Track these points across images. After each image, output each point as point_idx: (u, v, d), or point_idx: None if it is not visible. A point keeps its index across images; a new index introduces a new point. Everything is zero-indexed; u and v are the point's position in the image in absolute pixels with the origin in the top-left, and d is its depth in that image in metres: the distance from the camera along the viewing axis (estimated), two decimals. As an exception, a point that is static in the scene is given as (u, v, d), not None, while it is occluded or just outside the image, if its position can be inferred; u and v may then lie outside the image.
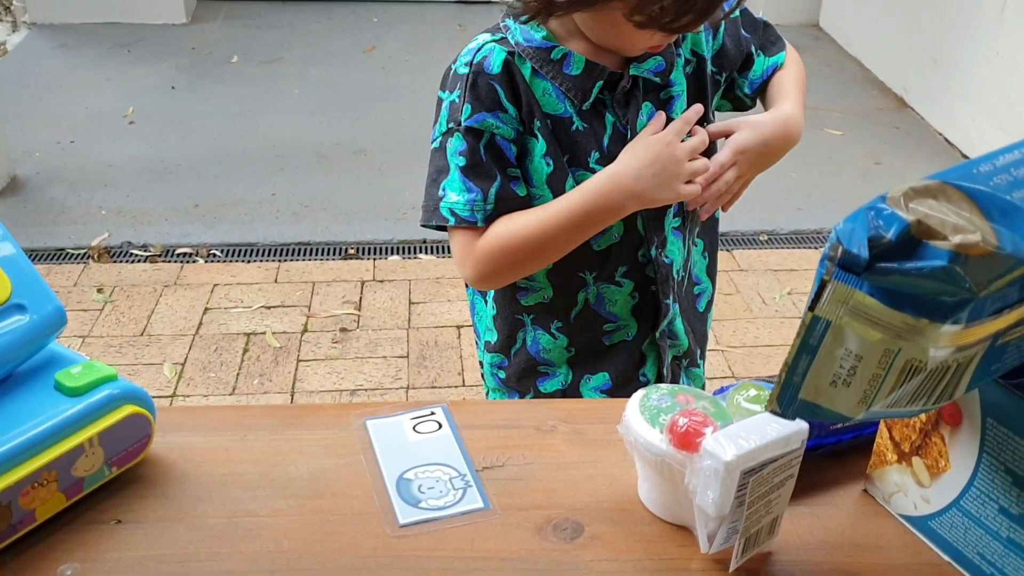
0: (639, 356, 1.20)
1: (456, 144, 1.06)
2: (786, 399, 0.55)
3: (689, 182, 1.04)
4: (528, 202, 1.08)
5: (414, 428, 0.73)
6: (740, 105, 1.23)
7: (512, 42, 1.06)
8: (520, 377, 1.24)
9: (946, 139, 3.75)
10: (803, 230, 3.16)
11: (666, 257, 1.15)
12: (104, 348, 2.48)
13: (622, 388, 1.20)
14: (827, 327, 0.52)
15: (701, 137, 1.05)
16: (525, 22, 1.05)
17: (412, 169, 3.35)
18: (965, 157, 3.61)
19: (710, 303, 1.28)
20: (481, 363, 1.30)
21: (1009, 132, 3.38)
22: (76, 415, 0.61)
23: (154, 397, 0.66)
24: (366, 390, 2.37)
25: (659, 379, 1.23)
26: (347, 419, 0.73)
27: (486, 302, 1.24)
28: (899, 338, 0.51)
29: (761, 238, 3.11)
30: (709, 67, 1.14)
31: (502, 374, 1.25)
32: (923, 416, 0.64)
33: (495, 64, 1.04)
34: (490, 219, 1.06)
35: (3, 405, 0.62)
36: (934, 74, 3.87)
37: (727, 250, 3.04)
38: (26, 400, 0.62)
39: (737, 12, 1.15)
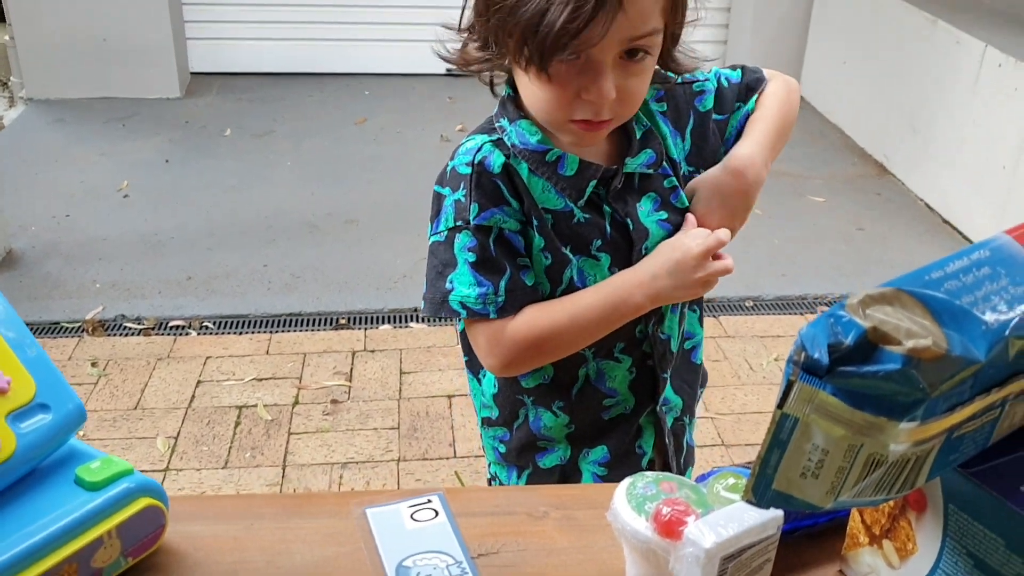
0: (636, 429, 1.24)
1: (465, 240, 1.09)
2: (761, 490, 0.59)
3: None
4: (536, 290, 1.12)
5: (412, 516, 0.76)
6: None
7: (508, 143, 1.11)
8: (520, 452, 1.27)
9: (927, 204, 3.84)
10: (788, 296, 3.21)
11: (663, 333, 1.19)
12: (98, 422, 2.50)
13: (620, 460, 1.24)
14: (795, 423, 0.56)
15: (718, 237, 1.08)
16: (495, 82, 1.11)
17: (403, 238, 3.41)
18: (946, 222, 3.69)
19: (700, 352, 1.32)
20: (481, 435, 1.33)
21: (986, 197, 3.47)
22: (96, 508, 0.65)
23: (147, 471, 0.69)
24: (357, 463, 2.39)
25: (659, 448, 1.26)
26: (348, 508, 0.77)
27: (480, 381, 1.28)
28: (861, 434, 0.56)
29: (747, 304, 3.16)
30: (683, 168, 1.18)
31: (502, 448, 1.28)
32: (891, 501, 0.69)
33: (495, 164, 1.09)
34: (502, 311, 1.09)
35: (26, 499, 0.65)
36: (913, 142, 3.97)
37: (713, 316, 3.09)
38: (48, 494, 0.66)
39: (712, 103, 1.19)
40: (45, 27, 4.41)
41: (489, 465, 1.34)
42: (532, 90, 1.04)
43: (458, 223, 1.09)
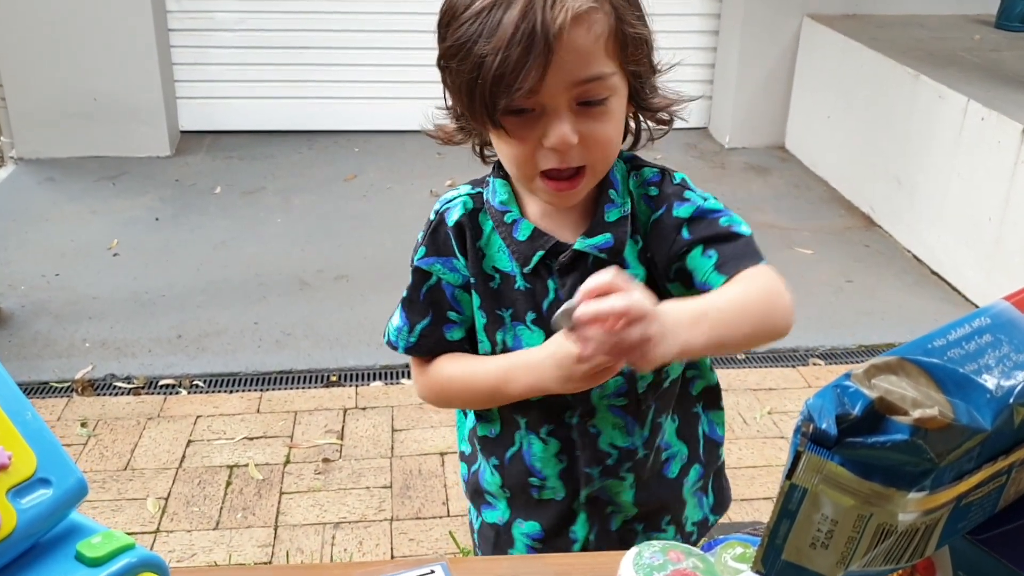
0: (569, 513, 1.23)
1: (410, 278, 1.17)
2: (770, 560, 0.59)
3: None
4: (460, 346, 1.18)
5: (415, 586, 0.76)
6: None
7: (485, 198, 1.15)
8: (472, 495, 1.31)
9: (915, 256, 3.86)
10: (780, 349, 3.21)
11: (592, 427, 1.17)
12: (88, 484, 2.47)
13: (551, 541, 1.23)
14: (804, 494, 0.56)
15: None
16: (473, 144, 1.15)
17: (394, 294, 3.35)
18: (934, 273, 3.71)
19: (687, 467, 1.25)
20: None
21: (973, 249, 3.49)
22: (97, 586, 0.64)
23: (138, 533, 0.69)
24: (350, 523, 2.37)
25: (599, 541, 1.22)
26: (350, 577, 0.76)
27: (465, 414, 1.30)
28: (870, 504, 0.56)
29: (739, 357, 3.16)
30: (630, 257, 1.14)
31: (464, 486, 1.33)
32: (901, 570, 0.68)
33: (453, 219, 1.14)
34: (410, 350, 1.17)
35: (26, 577, 0.65)
36: (899, 194, 4.01)
37: (705, 370, 3.09)
38: (49, 570, 0.65)
39: (688, 215, 1.09)
40: (35, 87, 4.43)
41: None
42: (501, 148, 1.07)
43: (412, 260, 1.18)
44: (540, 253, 1.11)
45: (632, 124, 1.16)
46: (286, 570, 0.73)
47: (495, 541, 1.28)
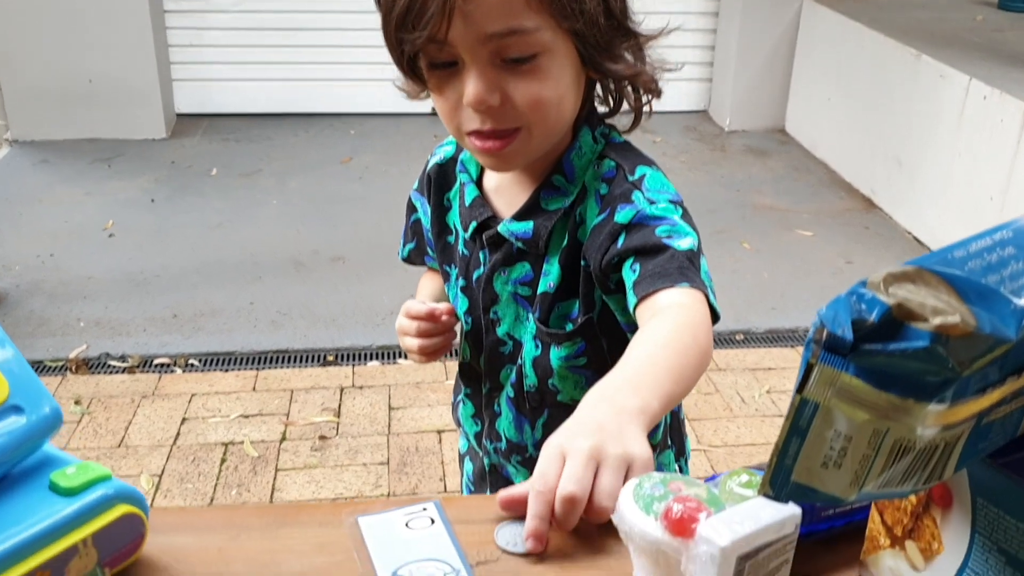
0: (483, 471, 1.27)
1: None
2: (779, 482, 0.55)
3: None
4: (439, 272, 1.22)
5: (407, 524, 0.73)
6: None
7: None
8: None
9: (915, 237, 3.84)
10: (778, 329, 3.19)
11: (497, 405, 1.17)
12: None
13: (479, 487, 1.30)
14: (816, 409, 0.53)
15: (415, 310, 1.15)
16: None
17: (389, 275, 3.38)
18: (933, 255, 3.69)
19: None
20: None
21: (974, 229, 3.42)
22: (71, 515, 0.61)
23: None
24: (346, 498, 2.34)
25: None
26: (339, 517, 0.73)
27: None
28: (886, 418, 0.52)
29: (737, 337, 3.14)
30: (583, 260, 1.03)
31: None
32: (914, 498, 0.65)
33: (433, 162, 1.17)
34: (404, 261, 1.29)
35: (-3, 506, 0.61)
36: (899, 175, 3.97)
37: (705, 350, 3.06)
38: (21, 500, 0.62)
39: (628, 219, 0.96)
40: (31, 69, 4.40)
41: None
42: (435, 104, 1.02)
43: None
44: (474, 224, 1.08)
45: (611, 93, 1.06)
46: (271, 509, 0.71)
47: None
